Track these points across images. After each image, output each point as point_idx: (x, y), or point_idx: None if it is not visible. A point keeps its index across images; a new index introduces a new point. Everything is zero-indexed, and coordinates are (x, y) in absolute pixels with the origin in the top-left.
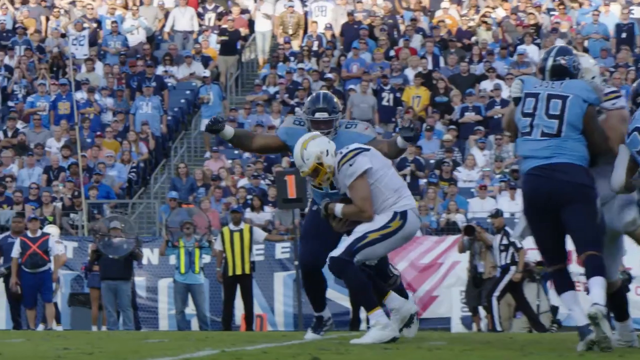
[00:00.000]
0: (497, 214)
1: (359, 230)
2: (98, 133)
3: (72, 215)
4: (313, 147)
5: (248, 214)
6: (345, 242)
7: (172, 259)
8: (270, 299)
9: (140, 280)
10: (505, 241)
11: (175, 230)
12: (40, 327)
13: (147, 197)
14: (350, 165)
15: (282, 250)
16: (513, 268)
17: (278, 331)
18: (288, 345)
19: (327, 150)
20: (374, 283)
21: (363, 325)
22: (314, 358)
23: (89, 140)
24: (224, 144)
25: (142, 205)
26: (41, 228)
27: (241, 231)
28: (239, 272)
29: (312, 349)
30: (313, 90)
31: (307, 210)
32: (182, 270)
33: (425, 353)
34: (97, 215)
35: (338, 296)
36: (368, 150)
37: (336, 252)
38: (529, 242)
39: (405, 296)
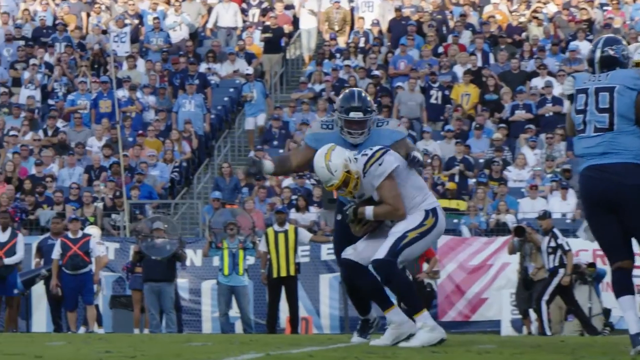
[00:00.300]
0: (545, 215)
1: (397, 230)
2: (140, 132)
3: (113, 215)
4: (337, 158)
5: (293, 214)
6: (386, 243)
7: (216, 261)
8: (316, 301)
9: (183, 282)
10: (553, 243)
11: (219, 231)
12: (82, 329)
13: (190, 197)
14: (380, 164)
15: (327, 251)
16: (561, 271)
17: (324, 334)
18: (334, 348)
19: (349, 157)
20: (382, 291)
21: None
22: None
23: (130, 139)
24: (269, 142)
25: (185, 206)
26: (82, 229)
27: (286, 232)
28: (283, 273)
29: (358, 352)
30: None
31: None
32: (226, 271)
33: (475, 356)
34: (139, 216)
35: None
36: (389, 149)
37: (380, 255)
38: (578, 244)
39: None
